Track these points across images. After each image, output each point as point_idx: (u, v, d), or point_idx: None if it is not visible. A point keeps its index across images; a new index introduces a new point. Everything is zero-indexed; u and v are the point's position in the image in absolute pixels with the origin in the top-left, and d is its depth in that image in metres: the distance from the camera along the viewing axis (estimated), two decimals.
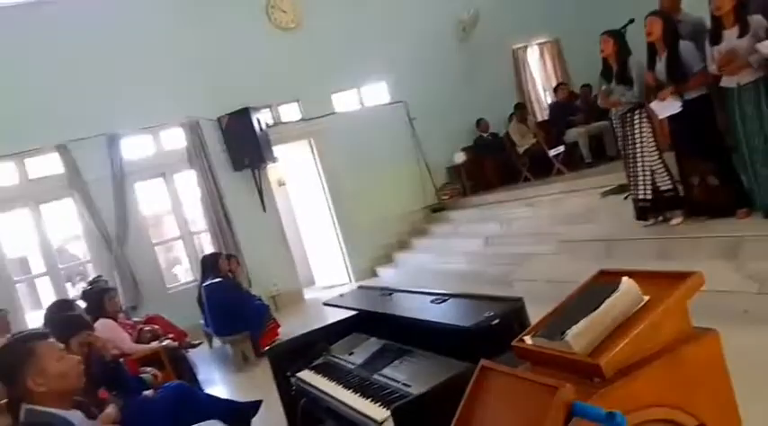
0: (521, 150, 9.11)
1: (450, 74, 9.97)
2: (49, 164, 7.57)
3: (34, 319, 7.41)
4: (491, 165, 9.56)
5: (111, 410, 2.99)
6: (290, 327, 6.38)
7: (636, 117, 4.83)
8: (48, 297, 8.36)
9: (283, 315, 7.34)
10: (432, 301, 2.65)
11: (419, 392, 2.05)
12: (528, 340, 1.60)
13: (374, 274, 9.04)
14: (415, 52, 9.69)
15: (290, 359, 3.02)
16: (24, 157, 7.43)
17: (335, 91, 9.34)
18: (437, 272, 7.58)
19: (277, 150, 8.57)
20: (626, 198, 5.56)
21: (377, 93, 9.74)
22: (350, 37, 9.25)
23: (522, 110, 9.57)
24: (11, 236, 7.73)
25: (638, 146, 4.84)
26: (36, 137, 7.33)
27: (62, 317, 3.76)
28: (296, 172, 9.36)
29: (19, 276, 7.98)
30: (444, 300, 2.60)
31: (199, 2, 8.35)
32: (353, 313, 3.21)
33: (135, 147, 8.05)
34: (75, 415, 2.18)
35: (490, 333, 2.01)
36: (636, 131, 4.84)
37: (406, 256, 8.91)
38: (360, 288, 3.70)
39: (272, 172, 9.15)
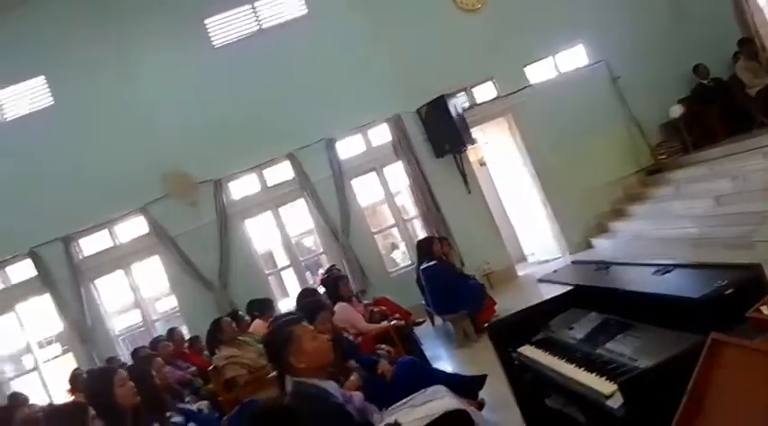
0: (752, 92, 7.90)
1: (654, 21, 9.04)
2: (282, 172, 8.72)
3: (283, 305, 8.63)
4: (716, 115, 8.45)
5: (354, 378, 3.44)
6: (506, 304, 6.48)
7: None
8: (292, 286, 9.65)
9: (498, 293, 7.46)
10: (654, 272, 2.53)
11: (647, 366, 2.01)
12: (765, 310, 1.48)
13: (589, 246, 8.67)
14: (611, 5, 8.99)
15: (510, 334, 3.11)
16: (263, 168, 8.67)
17: (529, 62, 9.11)
18: (659, 239, 7.00)
19: (475, 132, 8.71)
20: None
21: (573, 58, 9.25)
22: (537, 4, 8.93)
23: (749, 45, 8.26)
24: (259, 236, 9.06)
25: None
26: (270, 149, 8.51)
27: (308, 302, 4.37)
28: (496, 150, 9.38)
29: (268, 269, 9.31)
30: (668, 271, 2.46)
31: (387, 2, 8.82)
32: (569, 288, 3.19)
33: (349, 147, 8.85)
34: (330, 385, 2.56)
35: (722, 304, 1.88)
36: None
37: (623, 225, 8.37)
38: (574, 262, 3.65)
39: (473, 153, 9.29)
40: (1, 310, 8.34)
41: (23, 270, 8.35)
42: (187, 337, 7.57)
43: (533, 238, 9.39)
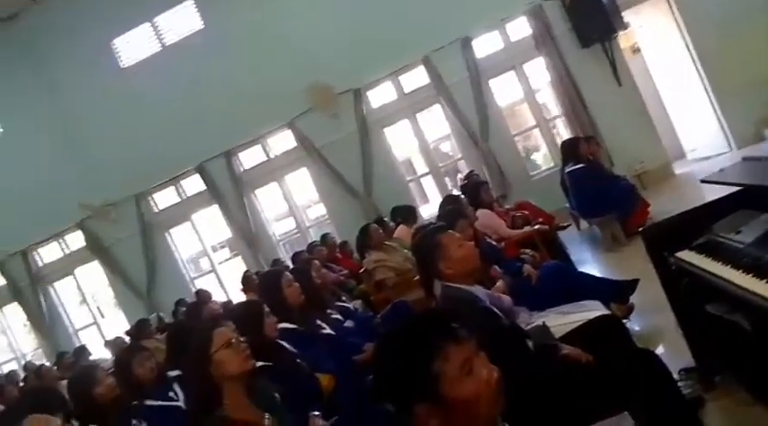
0: None
1: None
2: (418, 77, 8.63)
3: (424, 212, 8.84)
4: None
5: (500, 284, 3.50)
6: (661, 206, 6.07)
7: None
8: (432, 192, 9.81)
9: (652, 194, 6.98)
10: None
11: None
12: None
13: (762, 139, 7.67)
14: None
15: (666, 238, 2.93)
16: (399, 75, 8.65)
17: None
18: None
19: (627, 15, 7.89)
20: None
21: None
22: None
23: None
24: (398, 143, 9.20)
25: None
26: (405, 54, 8.39)
27: (450, 209, 4.44)
28: (652, 34, 8.42)
29: (409, 176, 9.51)
30: None
31: None
32: (738, 188, 2.89)
33: (485, 45, 8.46)
34: (477, 289, 2.64)
35: None
36: None
37: None
38: (745, 159, 3.27)
39: (624, 40, 8.44)
40: (179, 220, 9.55)
41: (194, 183, 9.38)
42: (337, 242, 8.13)
43: (694, 132, 8.50)
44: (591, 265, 5.75)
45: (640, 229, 3.17)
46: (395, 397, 1.38)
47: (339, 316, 4.01)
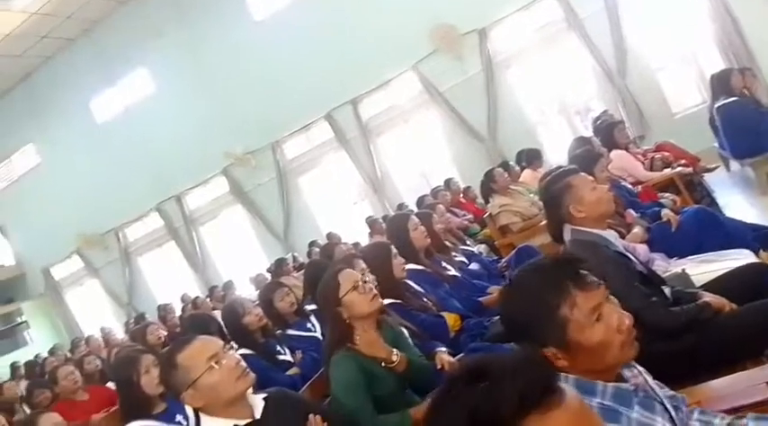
0: None
1: None
2: (548, 11, 8.13)
3: (553, 155, 8.45)
4: None
5: (638, 230, 3.33)
6: None
7: None
8: (562, 134, 9.33)
9: None
10: None
11: None
12: None
13: None
14: None
15: None
16: (526, 10, 8.19)
17: None
18: None
19: None
20: None
21: None
22: None
23: None
24: (525, 84, 8.74)
25: None
26: None
27: (581, 152, 4.24)
28: None
29: (537, 118, 9.08)
30: None
31: None
32: None
33: None
34: (609, 234, 2.54)
35: None
36: None
37: None
38: None
39: None
40: (310, 166, 10.05)
41: (323, 131, 9.73)
42: (461, 187, 8.10)
43: None
44: (741, 210, 5.23)
45: None
46: (523, 341, 1.40)
47: (464, 259, 4.06)
